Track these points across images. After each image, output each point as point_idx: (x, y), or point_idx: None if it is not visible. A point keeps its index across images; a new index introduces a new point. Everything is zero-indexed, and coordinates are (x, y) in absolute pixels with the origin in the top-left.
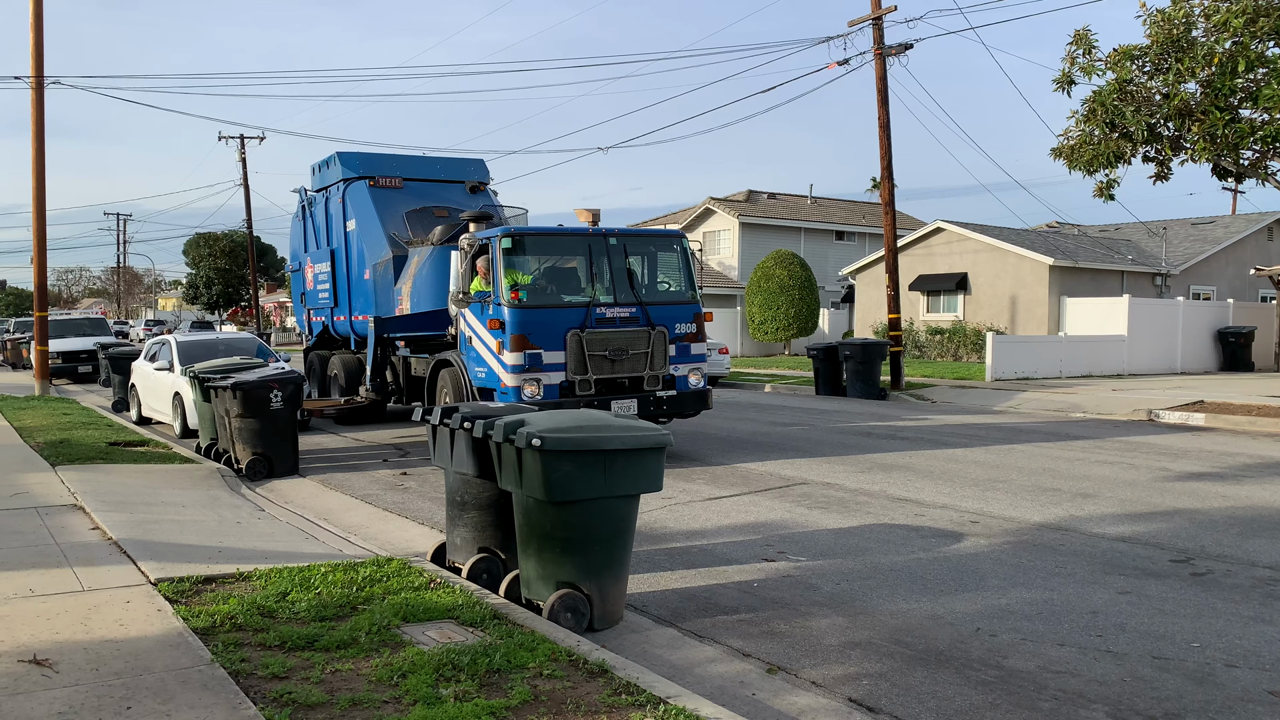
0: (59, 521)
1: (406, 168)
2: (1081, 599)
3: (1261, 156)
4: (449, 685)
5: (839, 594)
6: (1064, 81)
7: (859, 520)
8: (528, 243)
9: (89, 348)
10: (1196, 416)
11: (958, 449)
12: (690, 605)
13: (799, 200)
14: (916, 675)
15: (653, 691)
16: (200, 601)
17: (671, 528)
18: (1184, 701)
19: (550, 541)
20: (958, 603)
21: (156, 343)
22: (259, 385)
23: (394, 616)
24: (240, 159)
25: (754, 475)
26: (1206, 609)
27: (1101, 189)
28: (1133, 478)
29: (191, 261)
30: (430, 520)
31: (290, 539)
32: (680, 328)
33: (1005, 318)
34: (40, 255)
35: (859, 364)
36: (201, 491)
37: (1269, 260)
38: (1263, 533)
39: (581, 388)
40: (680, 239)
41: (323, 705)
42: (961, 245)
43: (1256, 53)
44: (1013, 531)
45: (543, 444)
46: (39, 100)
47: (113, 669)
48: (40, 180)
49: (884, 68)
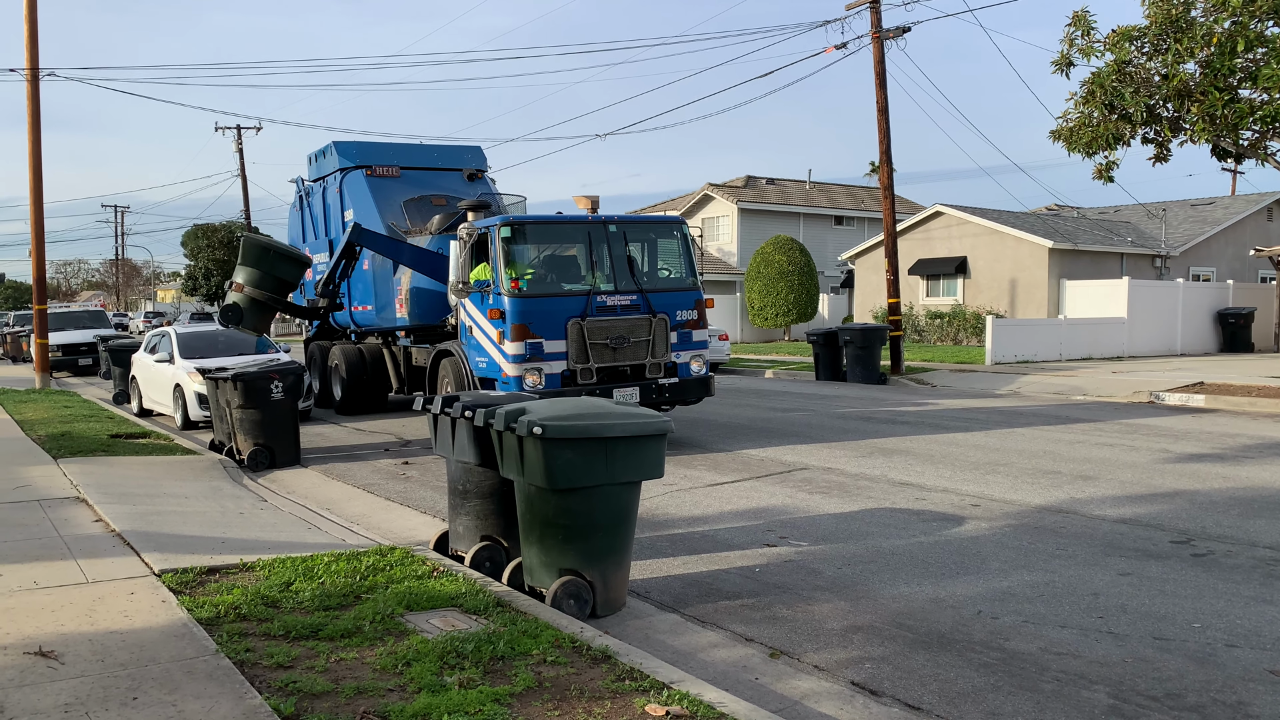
0: (62, 514)
1: (404, 156)
2: (1083, 581)
3: (1261, 136)
4: (453, 673)
5: (841, 578)
6: (1063, 63)
7: (860, 505)
8: (527, 231)
9: (89, 340)
10: (1197, 398)
11: (958, 433)
12: (693, 591)
13: (798, 185)
14: (919, 658)
15: (656, 677)
16: (204, 592)
17: (673, 514)
18: (1185, 682)
19: (552, 529)
20: (959, 586)
21: (156, 335)
22: (259, 376)
23: (397, 605)
24: (237, 149)
25: (755, 461)
26: (1207, 589)
27: (1101, 171)
28: (1133, 460)
29: (190, 253)
30: (433, 509)
31: (293, 529)
32: (681, 314)
33: (1005, 301)
34: (39, 248)
35: (859, 349)
36: (204, 483)
37: (1269, 241)
38: (1263, 513)
39: (583, 376)
40: (680, 225)
41: (328, 694)
42: (961, 229)
43: (1255, 32)
44: (1014, 514)
45: (544, 432)
46: (34, 93)
47: (118, 660)
48: (37, 173)
49: (882, 51)
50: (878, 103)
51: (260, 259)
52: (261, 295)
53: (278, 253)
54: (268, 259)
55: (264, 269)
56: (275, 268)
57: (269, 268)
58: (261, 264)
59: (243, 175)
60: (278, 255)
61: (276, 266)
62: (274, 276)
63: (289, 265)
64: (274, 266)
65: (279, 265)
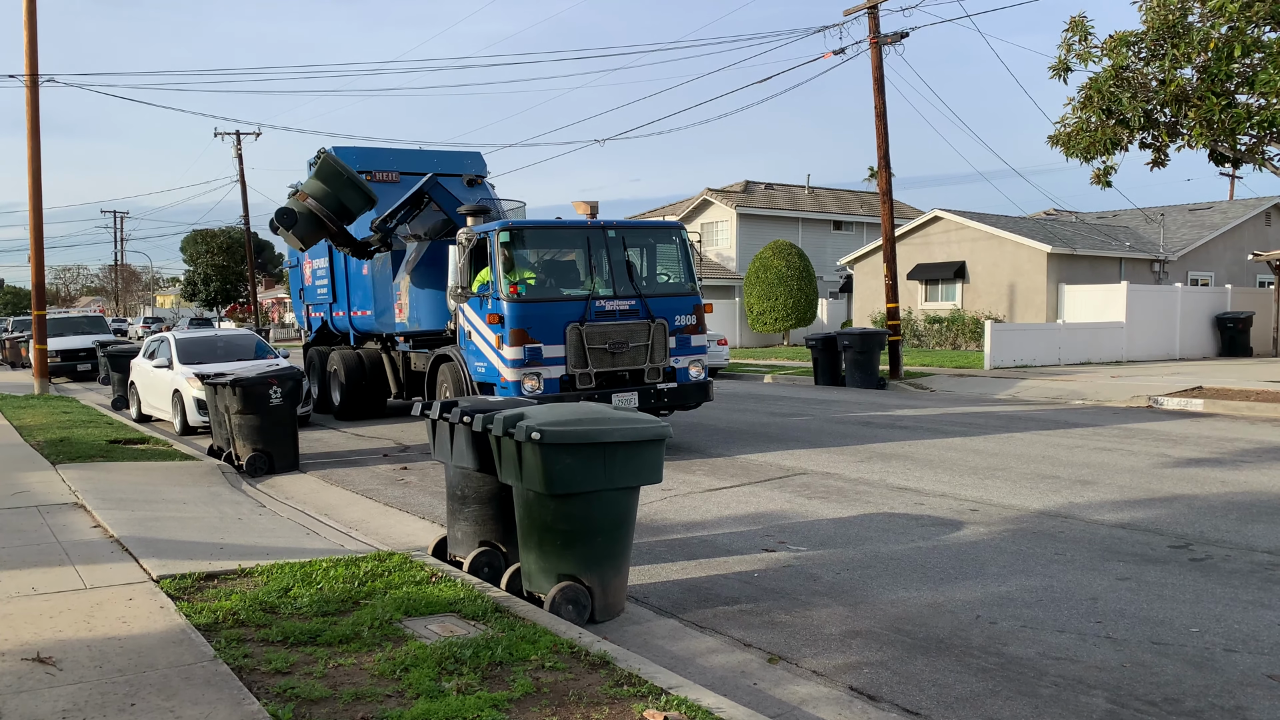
0: (60, 520)
1: (403, 161)
2: (1081, 585)
3: (1258, 141)
4: (451, 678)
5: (839, 583)
6: (1060, 68)
7: (859, 510)
8: (526, 236)
9: (88, 346)
10: (1195, 402)
11: (957, 437)
12: (691, 596)
13: (796, 191)
14: (917, 663)
15: (654, 682)
16: (203, 598)
17: (672, 519)
18: (1183, 686)
19: (551, 534)
20: (958, 591)
21: (155, 340)
22: (258, 381)
23: (396, 611)
24: (237, 155)
25: (754, 466)
26: (1205, 594)
27: (1099, 176)
28: (1132, 464)
29: (189, 258)
30: (431, 515)
31: (291, 535)
32: (680, 319)
33: (1003, 306)
34: (38, 254)
35: (858, 354)
36: (202, 488)
37: (1267, 245)
38: (1261, 518)
39: (582, 381)
40: (679, 230)
41: (326, 700)
42: (959, 234)
43: (1253, 37)
44: (1012, 519)
45: (542, 437)
46: (33, 99)
47: (116, 666)
48: (36, 179)
49: (880, 56)
50: (876, 108)
51: (332, 179)
52: (321, 211)
53: (351, 181)
54: (339, 182)
55: (333, 189)
56: (343, 193)
57: (338, 189)
58: (332, 184)
59: (242, 180)
60: (350, 183)
61: (344, 192)
62: (339, 200)
63: (356, 196)
64: (342, 191)
65: (347, 191)
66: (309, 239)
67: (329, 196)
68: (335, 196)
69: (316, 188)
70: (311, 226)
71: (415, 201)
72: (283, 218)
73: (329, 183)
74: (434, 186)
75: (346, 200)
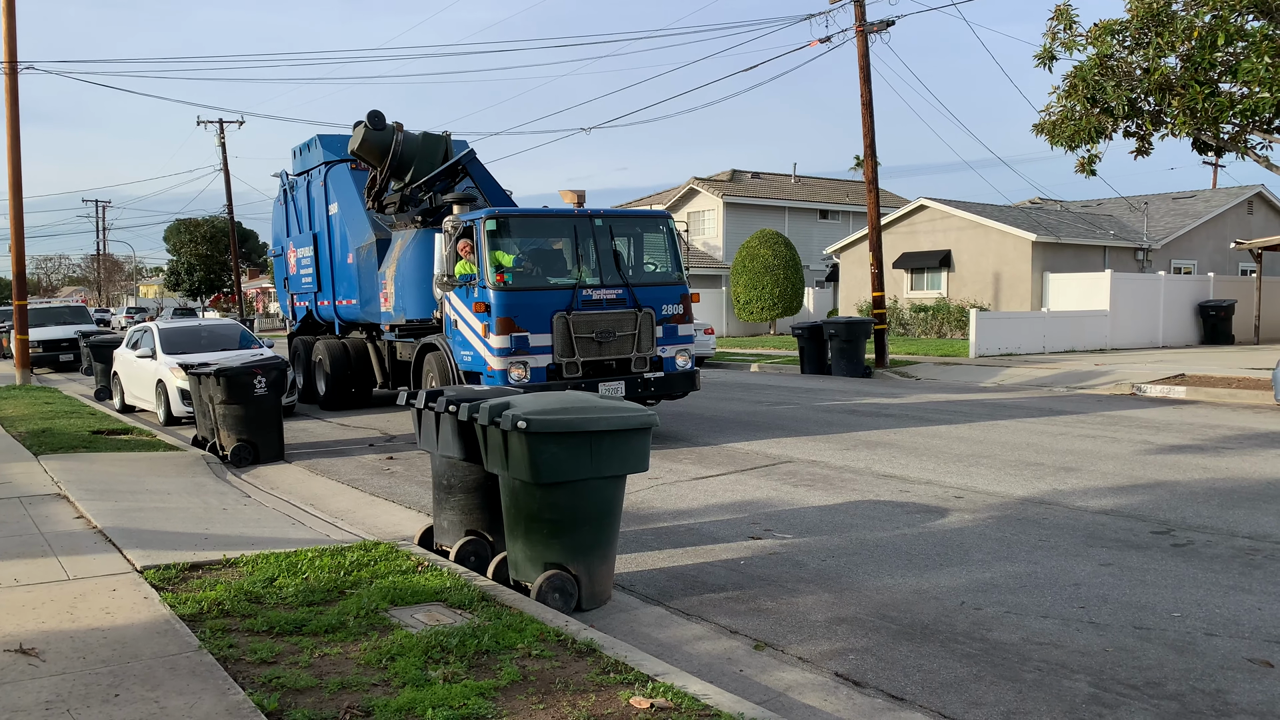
0: (43, 511)
1: None
2: (1064, 571)
3: (1241, 130)
4: (437, 667)
5: (825, 570)
6: (1045, 57)
7: (844, 497)
8: (512, 224)
9: (70, 336)
10: (1178, 390)
11: (942, 425)
12: (677, 584)
13: (783, 179)
14: (902, 649)
15: (641, 669)
16: (187, 588)
17: (659, 507)
18: (1165, 670)
19: (537, 523)
20: (942, 577)
21: (139, 330)
22: (242, 371)
23: (382, 600)
24: (220, 143)
25: (740, 454)
26: (1187, 579)
27: (1083, 164)
28: (1115, 451)
29: (172, 248)
30: (417, 504)
31: (277, 525)
32: (667, 309)
33: (989, 294)
34: (18, 243)
35: (844, 342)
36: (187, 479)
37: (1249, 234)
38: (1242, 503)
39: (568, 370)
40: (666, 219)
41: (312, 689)
42: (945, 222)
43: (1236, 26)
44: (996, 506)
45: (528, 426)
46: (12, 86)
47: (100, 657)
48: (16, 167)
49: (866, 45)
50: (862, 97)
51: (429, 150)
52: (397, 151)
53: (435, 166)
54: (432, 155)
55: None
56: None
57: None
58: (426, 148)
59: (225, 169)
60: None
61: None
62: (415, 160)
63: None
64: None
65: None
66: (369, 155)
67: (415, 156)
68: (415, 157)
69: (414, 141)
70: (378, 151)
71: (450, 173)
72: (375, 119)
73: (425, 147)
74: (471, 160)
75: (418, 166)
